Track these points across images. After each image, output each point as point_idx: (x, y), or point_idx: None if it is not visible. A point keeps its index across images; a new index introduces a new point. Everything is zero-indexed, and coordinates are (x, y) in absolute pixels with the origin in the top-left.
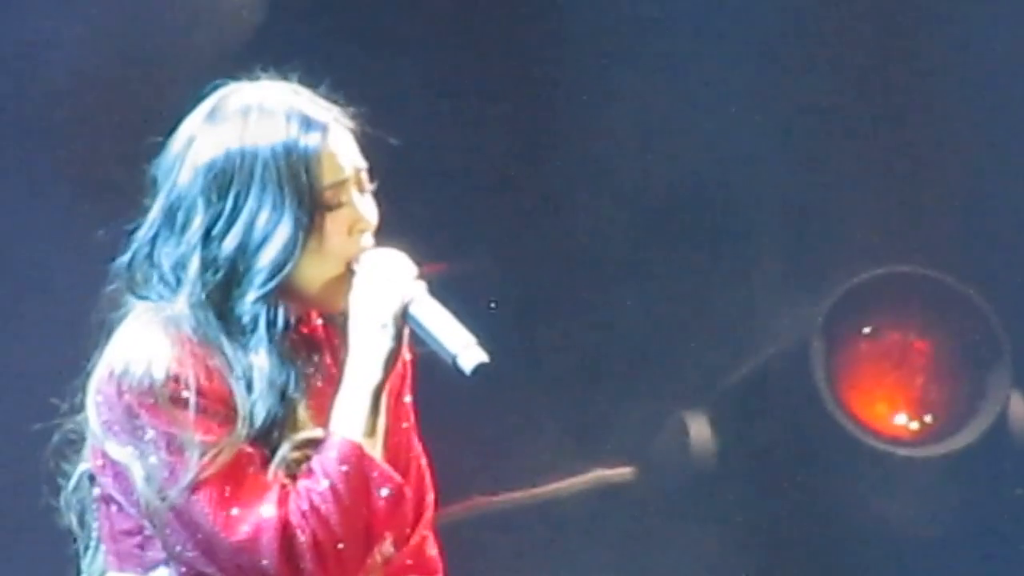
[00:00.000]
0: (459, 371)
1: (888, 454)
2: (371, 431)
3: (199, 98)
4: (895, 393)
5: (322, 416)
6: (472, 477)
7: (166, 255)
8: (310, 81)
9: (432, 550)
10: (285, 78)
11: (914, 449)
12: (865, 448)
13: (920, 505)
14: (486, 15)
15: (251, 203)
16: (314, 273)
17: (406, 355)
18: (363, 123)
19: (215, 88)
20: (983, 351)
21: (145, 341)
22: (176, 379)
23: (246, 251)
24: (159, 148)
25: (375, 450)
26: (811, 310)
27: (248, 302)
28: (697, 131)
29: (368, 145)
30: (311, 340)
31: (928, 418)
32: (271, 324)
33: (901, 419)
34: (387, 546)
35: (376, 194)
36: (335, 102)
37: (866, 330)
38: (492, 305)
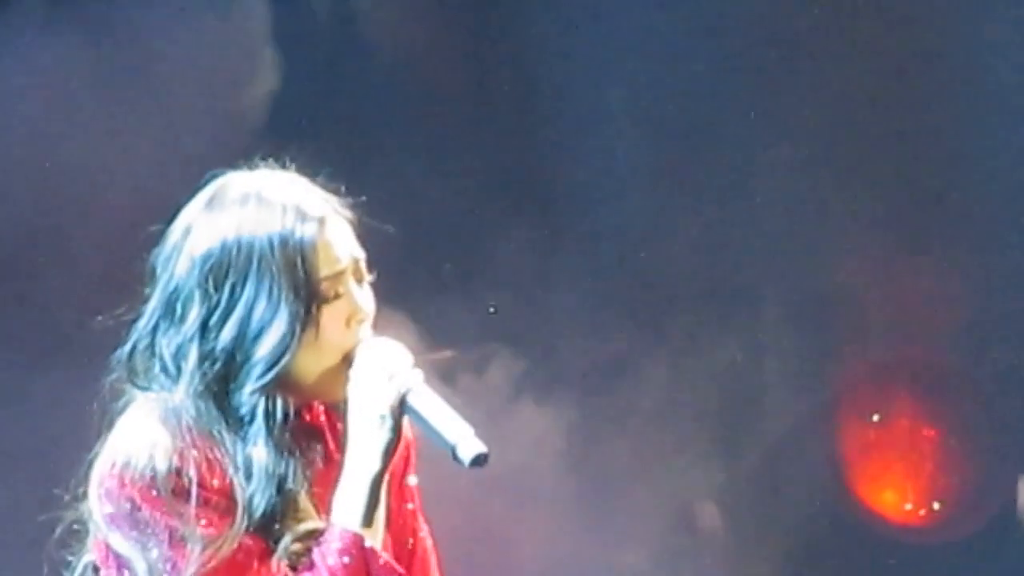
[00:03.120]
0: (458, 461)
1: (897, 541)
2: (371, 521)
3: (198, 187)
4: (904, 480)
5: (326, 502)
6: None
7: (166, 346)
8: (308, 170)
9: None
10: (283, 167)
11: (923, 536)
12: (874, 535)
13: None
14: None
15: (247, 295)
16: (311, 365)
17: (408, 435)
18: (361, 213)
19: (213, 177)
20: (991, 439)
21: (146, 433)
22: (178, 472)
23: (243, 343)
24: (158, 237)
25: (376, 540)
26: (820, 397)
27: (246, 394)
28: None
29: (365, 235)
30: (313, 428)
31: (936, 505)
32: (270, 415)
33: (909, 506)
34: None
35: (374, 283)
36: (333, 192)
37: (875, 418)
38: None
